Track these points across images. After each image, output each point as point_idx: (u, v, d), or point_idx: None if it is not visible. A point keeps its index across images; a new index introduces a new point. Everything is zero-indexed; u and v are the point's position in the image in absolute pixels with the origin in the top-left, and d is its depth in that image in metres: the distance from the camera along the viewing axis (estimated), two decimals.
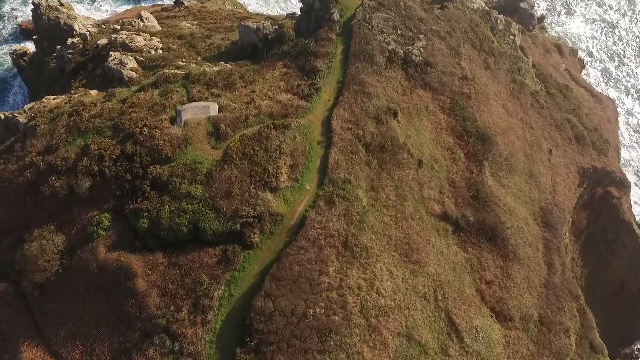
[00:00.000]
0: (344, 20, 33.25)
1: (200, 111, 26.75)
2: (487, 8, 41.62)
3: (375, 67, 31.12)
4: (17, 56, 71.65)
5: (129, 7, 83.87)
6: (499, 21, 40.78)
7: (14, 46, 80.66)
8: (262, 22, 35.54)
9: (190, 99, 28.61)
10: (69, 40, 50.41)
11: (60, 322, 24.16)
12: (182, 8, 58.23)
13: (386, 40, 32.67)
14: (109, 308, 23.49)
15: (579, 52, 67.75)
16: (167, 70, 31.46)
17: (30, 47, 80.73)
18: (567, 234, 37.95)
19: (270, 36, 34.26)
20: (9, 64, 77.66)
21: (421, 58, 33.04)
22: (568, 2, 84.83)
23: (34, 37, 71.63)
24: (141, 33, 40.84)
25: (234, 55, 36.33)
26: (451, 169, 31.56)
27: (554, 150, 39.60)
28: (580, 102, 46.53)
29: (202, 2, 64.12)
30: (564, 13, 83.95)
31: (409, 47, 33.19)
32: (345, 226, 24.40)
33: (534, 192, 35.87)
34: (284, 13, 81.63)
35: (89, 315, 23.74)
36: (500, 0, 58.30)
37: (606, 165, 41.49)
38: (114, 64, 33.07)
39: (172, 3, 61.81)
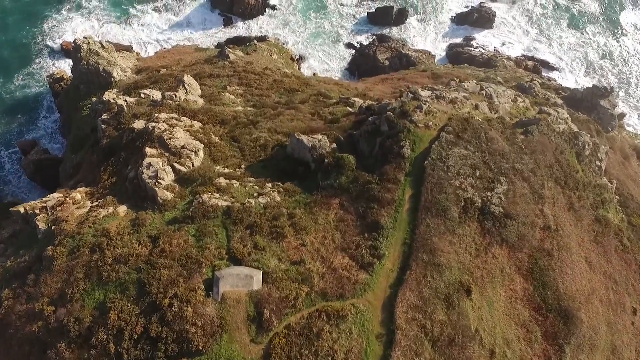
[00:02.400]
0: (415, 156, 28.54)
1: (241, 282, 22.50)
2: (575, 129, 36.29)
3: (448, 223, 26.40)
4: (53, 80, 69.60)
5: (175, 36, 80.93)
6: (586, 146, 35.45)
7: (53, 64, 78.90)
8: (319, 139, 31.02)
9: (231, 252, 24.38)
10: (105, 96, 47.11)
11: None
12: (226, 62, 54.35)
13: (463, 185, 27.87)
14: None
15: None
16: (205, 199, 27.31)
17: (67, 68, 78.71)
18: None
19: (326, 159, 29.77)
20: (45, 81, 75.75)
21: (501, 209, 28.09)
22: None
23: (71, 67, 69.16)
24: (182, 118, 36.90)
25: (282, 169, 31.99)
26: (525, 355, 26.71)
27: (639, 309, 34.31)
28: None
29: (247, 52, 60.33)
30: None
31: (488, 193, 28.30)
32: None
33: None
34: (329, 62, 77.54)
35: None
36: (576, 92, 52.73)
37: None
38: (149, 178, 29.10)
39: (217, 52, 58.12)
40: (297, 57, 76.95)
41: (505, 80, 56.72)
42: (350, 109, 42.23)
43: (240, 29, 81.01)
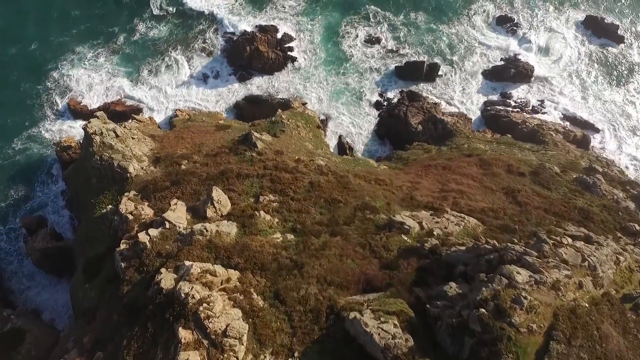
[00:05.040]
0: None
1: None
2: None
3: None
4: (60, 148, 64.73)
5: (189, 95, 75.59)
6: None
7: (58, 127, 74.07)
8: (392, 334, 25.45)
9: None
10: (122, 207, 41.95)
11: None
12: (254, 154, 48.80)
13: None
14: None
15: None
16: None
17: (75, 129, 74.40)
18: None
19: None
20: (49, 143, 70.93)
21: None
22: None
23: (80, 142, 64.57)
24: (217, 270, 31.27)
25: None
26: None
27: None
28: None
29: (275, 134, 54.88)
30: None
31: None
32: None
33: None
34: (355, 124, 71.94)
35: None
36: None
37: None
38: None
39: (242, 137, 52.40)
40: (321, 117, 71.59)
41: (562, 168, 51.24)
42: (406, 238, 36.78)
43: (258, 85, 75.69)
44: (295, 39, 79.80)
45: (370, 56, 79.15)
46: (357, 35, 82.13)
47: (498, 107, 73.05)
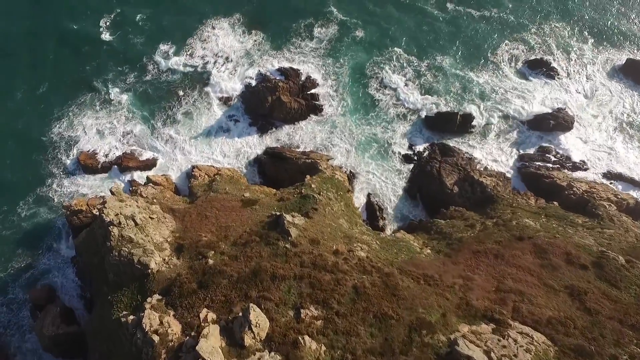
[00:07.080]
0: None
1: None
2: None
3: None
4: (71, 213, 60.11)
5: (206, 147, 71.03)
6: None
7: (68, 185, 69.27)
8: None
9: None
10: (145, 322, 37.30)
11: None
12: (288, 245, 43.96)
13: None
14: None
15: None
16: None
17: (86, 188, 69.91)
18: None
19: None
20: (57, 206, 66.08)
21: None
22: None
23: (95, 218, 60.02)
24: None
25: None
26: None
27: None
28: None
29: (307, 213, 50.11)
30: None
31: None
32: None
33: None
34: (384, 181, 67.15)
35: None
36: None
37: None
38: None
39: (273, 220, 47.62)
40: (348, 172, 66.98)
41: (626, 256, 46.41)
42: None
43: (280, 136, 70.96)
44: (319, 84, 74.97)
45: (399, 104, 74.29)
46: (382, 79, 77.30)
47: (536, 162, 68.28)
